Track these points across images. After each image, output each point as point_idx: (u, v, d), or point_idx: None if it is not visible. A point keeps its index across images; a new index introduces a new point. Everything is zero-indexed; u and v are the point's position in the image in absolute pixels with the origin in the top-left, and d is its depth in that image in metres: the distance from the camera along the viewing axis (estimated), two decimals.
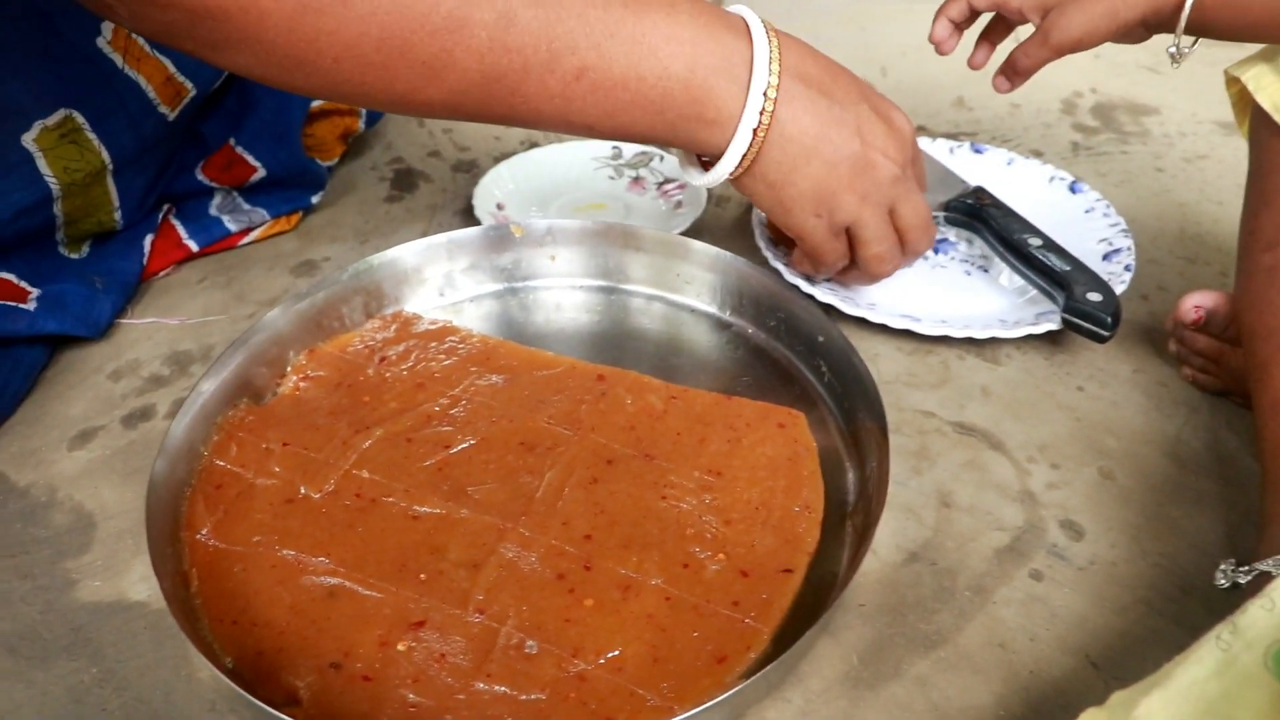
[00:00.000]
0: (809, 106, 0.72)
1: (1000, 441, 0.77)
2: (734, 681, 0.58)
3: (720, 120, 0.70)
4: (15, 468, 0.78)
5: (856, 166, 0.74)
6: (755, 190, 0.75)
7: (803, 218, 0.75)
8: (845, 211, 0.75)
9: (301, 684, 0.59)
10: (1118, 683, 0.59)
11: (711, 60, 0.69)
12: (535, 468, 0.71)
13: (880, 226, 0.77)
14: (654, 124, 0.70)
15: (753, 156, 0.72)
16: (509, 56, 0.64)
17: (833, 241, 0.78)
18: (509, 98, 0.66)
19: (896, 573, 0.68)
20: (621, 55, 0.67)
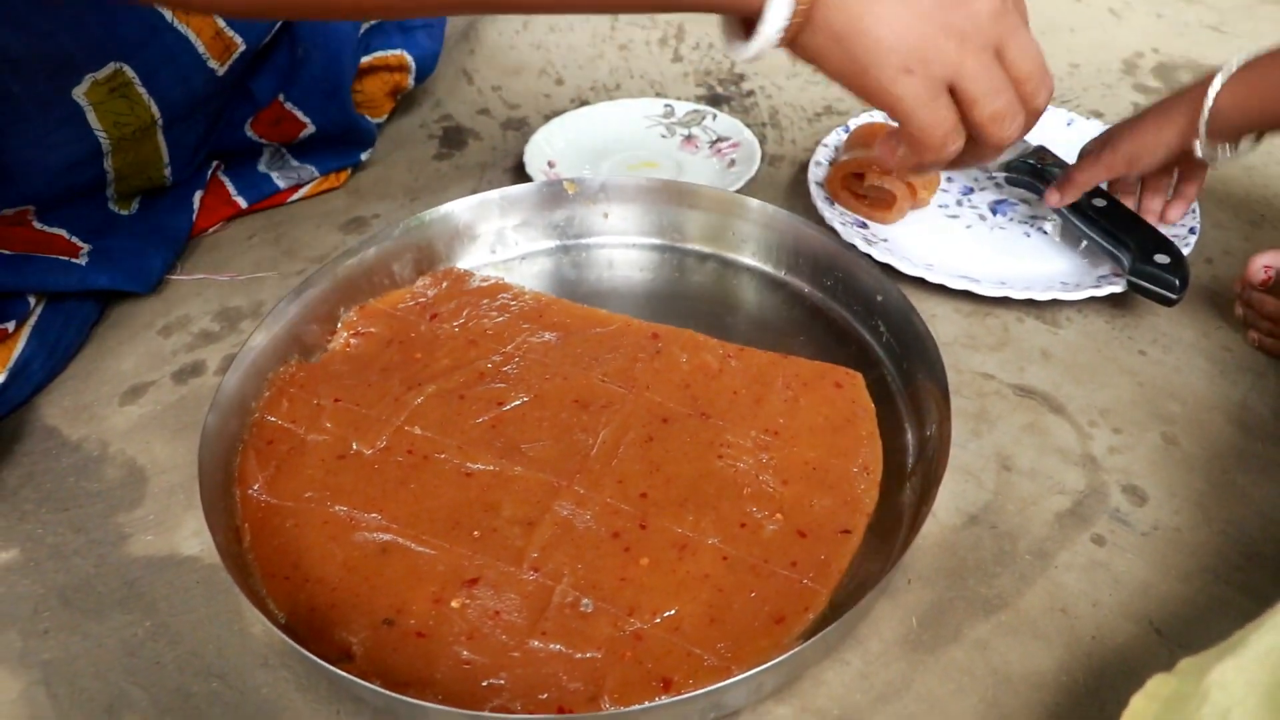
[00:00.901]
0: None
1: (1061, 405, 0.75)
2: (792, 642, 0.58)
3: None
4: (68, 422, 0.78)
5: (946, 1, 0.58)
6: (821, 49, 0.58)
7: (891, 76, 0.58)
8: (944, 60, 0.58)
9: (355, 640, 0.59)
10: (1183, 650, 0.58)
11: None
12: (589, 425, 0.70)
13: (993, 74, 0.60)
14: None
15: (809, 4, 0.56)
16: None
17: (936, 106, 0.59)
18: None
19: (956, 536, 0.66)
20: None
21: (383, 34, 1.04)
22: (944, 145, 0.61)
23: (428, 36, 1.07)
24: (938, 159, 0.62)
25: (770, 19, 0.56)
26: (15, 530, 0.71)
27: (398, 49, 1.04)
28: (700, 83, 1.18)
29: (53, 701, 0.61)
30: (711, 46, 1.24)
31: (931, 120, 0.59)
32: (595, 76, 1.20)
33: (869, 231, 0.89)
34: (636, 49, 1.25)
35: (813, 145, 1.05)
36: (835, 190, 0.92)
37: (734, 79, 1.18)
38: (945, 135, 0.60)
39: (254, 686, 0.61)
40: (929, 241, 0.91)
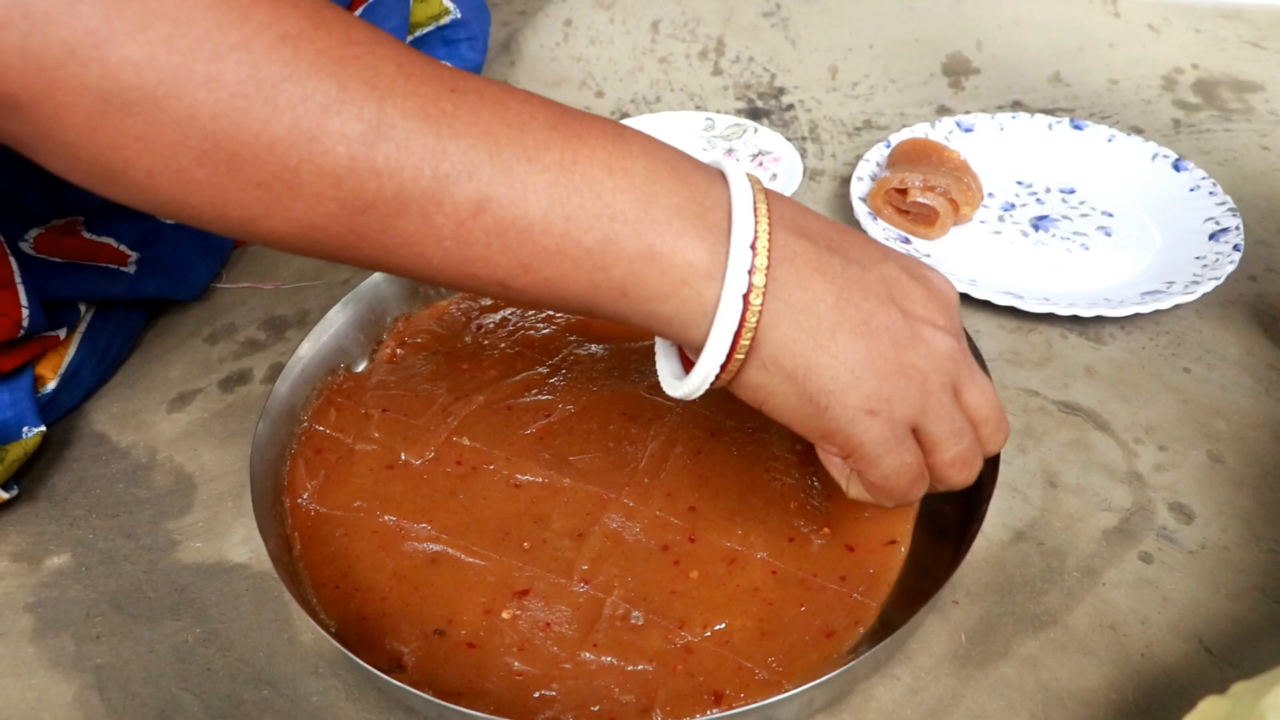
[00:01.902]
0: (817, 264, 0.51)
1: (1106, 422, 0.75)
2: (843, 657, 0.58)
3: (693, 281, 0.50)
4: (116, 428, 0.79)
5: (901, 339, 0.52)
6: (769, 388, 0.52)
7: (851, 418, 0.52)
8: (907, 400, 0.53)
9: (406, 649, 0.59)
10: (1233, 669, 0.59)
11: (673, 199, 0.50)
12: (637, 438, 0.70)
13: (955, 416, 0.55)
14: (595, 284, 0.50)
15: (751, 333, 0.50)
16: (377, 181, 0.46)
17: (902, 451, 0.54)
18: (381, 236, 0.48)
19: (1004, 551, 0.66)
20: (543, 186, 0.48)
21: (426, 47, 1.05)
22: (907, 493, 0.56)
23: (471, 48, 1.07)
24: (900, 503, 0.57)
25: (712, 348, 0.50)
26: (67, 535, 0.71)
27: (441, 61, 1.05)
28: (740, 96, 1.19)
29: (106, 705, 0.61)
30: (752, 60, 1.25)
31: (898, 466, 0.54)
32: (636, 89, 1.21)
33: (912, 247, 0.89)
34: (677, 62, 1.25)
35: (853, 159, 1.05)
36: (879, 205, 0.92)
37: (774, 93, 1.19)
38: (911, 482, 0.55)
39: (304, 695, 0.61)
40: (972, 257, 0.91)
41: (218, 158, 0.44)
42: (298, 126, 0.44)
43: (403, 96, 0.46)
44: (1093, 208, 0.96)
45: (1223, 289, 0.84)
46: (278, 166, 0.45)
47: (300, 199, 0.46)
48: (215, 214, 0.47)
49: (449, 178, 0.46)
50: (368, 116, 0.45)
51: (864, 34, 1.28)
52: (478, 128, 0.47)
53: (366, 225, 0.47)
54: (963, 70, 1.22)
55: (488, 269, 0.49)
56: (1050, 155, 1.02)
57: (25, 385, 0.74)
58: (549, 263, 0.49)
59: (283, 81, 0.44)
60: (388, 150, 0.45)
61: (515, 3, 1.40)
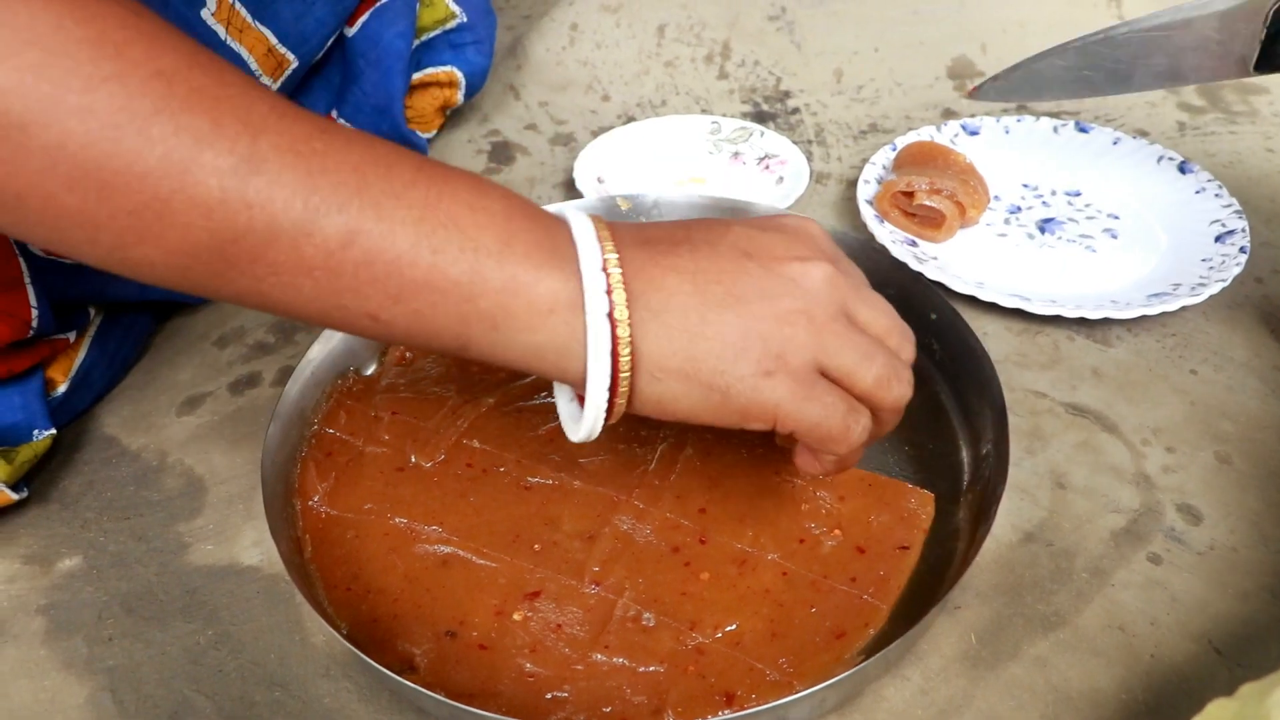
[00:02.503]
0: (666, 265, 0.53)
1: (1113, 423, 0.76)
2: (853, 658, 0.58)
3: (558, 310, 0.51)
4: (127, 431, 0.79)
5: (769, 290, 0.53)
6: (671, 395, 0.53)
7: (754, 385, 0.52)
8: (797, 346, 0.53)
9: (418, 651, 0.60)
10: (1243, 670, 0.59)
11: (530, 235, 0.52)
12: (647, 440, 0.71)
13: (856, 341, 0.55)
14: (464, 316, 0.51)
15: (628, 348, 0.51)
16: (248, 212, 0.47)
17: (816, 395, 0.54)
18: (251, 266, 0.48)
19: (1012, 553, 0.67)
20: (410, 221, 0.49)
21: (433, 51, 1.05)
22: (848, 430, 0.55)
23: (477, 52, 1.08)
24: (852, 444, 0.56)
25: (595, 374, 0.51)
26: (78, 538, 0.72)
27: (448, 65, 1.05)
28: (746, 99, 1.19)
29: (119, 707, 0.61)
30: (758, 64, 1.25)
31: (820, 411, 0.54)
32: (641, 93, 1.21)
33: (919, 250, 0.89)
34: (682, 66, 1.25)
35: (859, 163, 1.06)
36: (885, 208, 0.92)
37: (779, 96, 1.19)
38: (844, 419, 0.55)
39: (316, 696, 0.61)
40: (979, 260, 0.91)
41: (88, 185, 0.45)
42: (169, 158, 0.45)
43: (275, 134, 0.47)
44: (1099, 210, 0.96)
45: (1229, 291, 0.84)
46: (149, 196, 0.45)
47: (171, 228, 0.46)
48: (85, 239, 0.47)
49: (319, 210, 0.48)
50: (241, 150, 0.46)
51: (869, 37, 1.28)
52: (347, 166, 0.49)
53: (237, 254, 0.48)
54: (968, 73, 1.22)
55: (357, 300, 0.50)
56: (1056, 158, 1.02)
57: (35, 388, 0.74)
58: (418, 294, 0.50)
59: (156, 114, 0.45)
60: (259, 184, 0.47)
61: (521, 7, 1.40)
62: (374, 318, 0.51)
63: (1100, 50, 0.85)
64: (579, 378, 0.53)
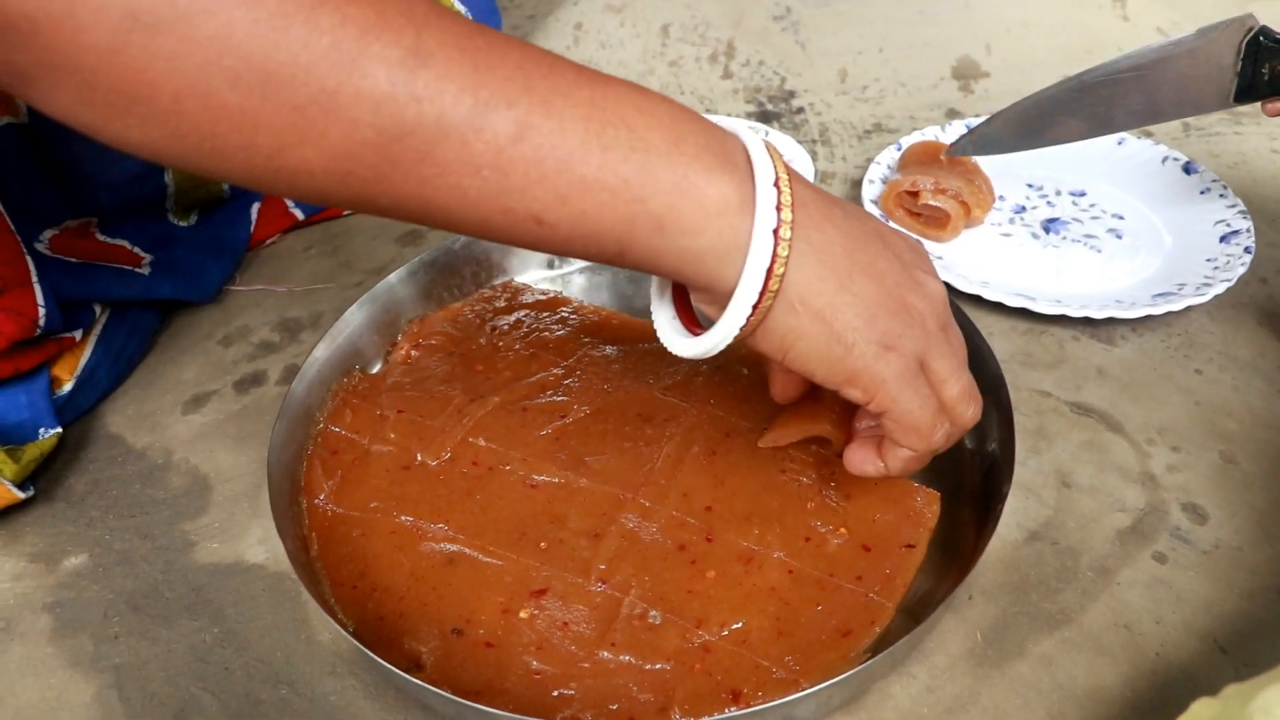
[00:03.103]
0: (826, 212, 0.54)
1: (1119, 423, 0.76)
2: (859, 656, 0.58)
3: (726, 213, 0.51)
4: (132, 430, 0.80)
5: (902, 282, 0.56)
6: (797, 330, 0.53)
7: (876, 353, 0.54)
8: (915, 337, 0.55)
9: (424, 649, 0.60)
10: (1248, 668, 0.59)
11: (699, 139, 0.51)
12: (653, 438, 0.71)
13: (952, 354, 0.58)
14: (631, 216, 0.50)
15: (781, 270, 0.51)
16: (417, 106, 0.46)
17: (920, 385, 0.56)
18: (417, 166, 0.47)
19: (1018, 551, 0.67)
20: (579, 118, 0.48)
21: None
22: (934, 427, 0.57)
23: None
24: (933, 443, 0.58)
25: (748, 280, 0.51)
26: (84, 536, 0.72)
27: None
28: (750, 99, 1.19)
29: (125, 705, 0.62)
30: (762, 63, 1.25)
31: (919, 400, 0.56)
32: None
33: None
34: (687, 65, 1.26)
35: (863, 162, 1.06)
36: (890, 208, 0.92)
37: (784, 96, 1.19)
38: (934, 415, 0.57)
39: (322, 694, 0.61)
40: (984, 260, 0.91)
41: (252, 79, 0.43)
42: (338, 48, 0.44)
43: (439, 29, 0.46)
44: (1103, 210, 0.97)
45: (1234, 291, 0.84)
46: (315, 89, 0.44)
47: (337, 124, 0.45)
48: (243, 142, 0.45)
49: (488, 105, 0.46)
50: (407, 42, 0.45)
51: (874, 37, 1.29)
52: (511, 62, 0.48)
53: (403, 153, 0.47)
54: (972, 74, 1.22)
55: (524, 201, 0.49)
56: (1061, 159, 1.02)
57: (42, 387, 0.75)
58: (586, 193, 0.49)
59: (322, 4, 0.44)
60: (428, 76, 0.45)
61: (525, 7, 1.40)
62: (539, 220, 0.50)
63: (1076, 97, 0.86)
64: (727, 287, 0.52)
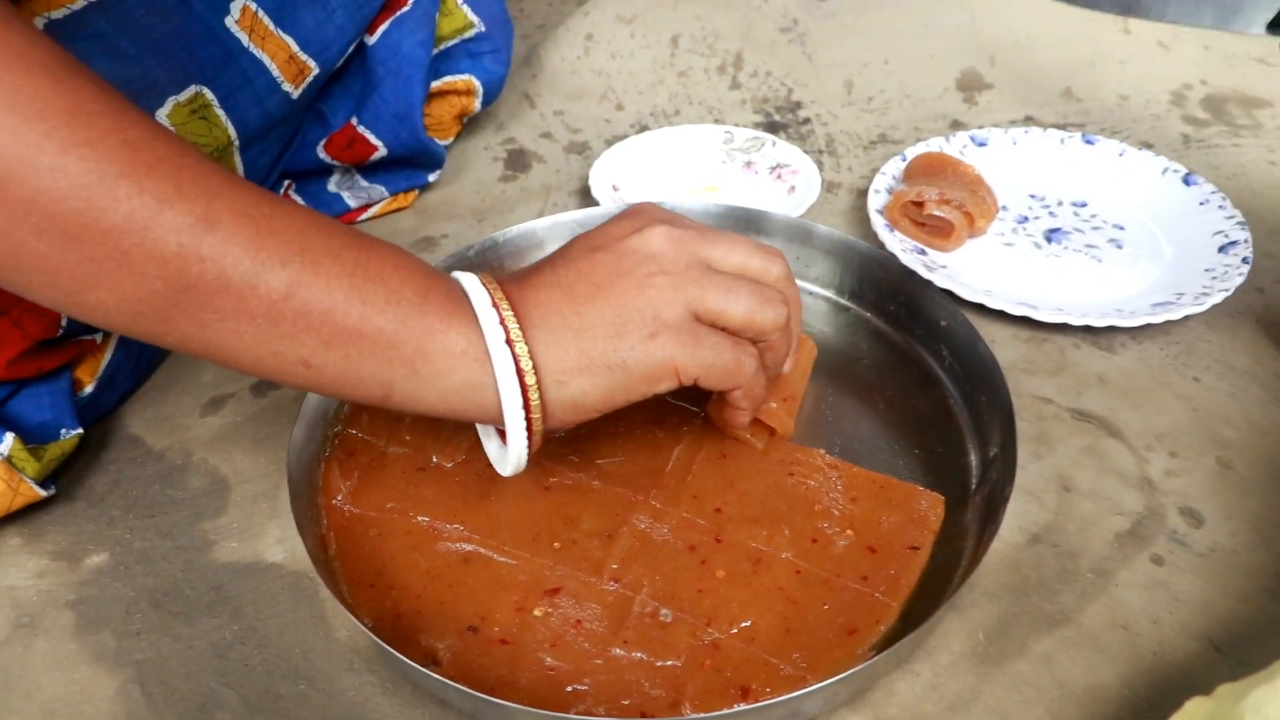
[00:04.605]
0: (536, 282, 0.60)
1: (1118, 429, 0.77)
2: (865, 654, 0.60)
3: (470, 350, 0.57)
4: (151, 431, 0.81)
5: (620, 269, 0.59)
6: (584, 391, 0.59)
7: (647, 350, 0.58)
8: (665, 302, 0.59)
9: (441, 646, 0.61)
10: (1243, 668, 0.61)
11: (443, 290, 0.58)
12: (664, 442, 0.72)
13: (715, 280, 0.60)
14: (388, 361, 0.56)
15: (531, 363, 0.57)
16: (201, 265, 0.52)
17: (702, 340, 0.60)
18: (199, 312, 0.53)
19: (1019, 553, 0.68)
20: (343, 275, 0.55)
21: (451, 60, 1.07)
22: (740, 362, 0.61)
23: (495, 61, 1.09)
24: (746, 374, 0.62)
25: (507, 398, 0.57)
26: (105, 535, 0.73)
27: (466, 74, 1.07)
28: (758, 109, 1.21)
29: (147, 700, 0.63)
30: (770, 74, 1.27)
31: (710, 353, 0.60)
32: (655, 102, 1.23)
33: (928, 258, 0.91)
34: (695, 76, 1.27)
35: (868, 172, 1.07)
36: (895, 218, 0.94)
37: (791, 107, 1.21)
38: (733, 353, 0.61)
39: (340, 690, 0.63)
40: (987, 269, 0.93)
41: (55, 235, 0.50)
42: (132, 216, 0.50)
43: (229, 199, 0.53)
44: (1104, 221, 0.98)
45: (1231, 300, 0.86)
46: (111, 247, 0.50)
47: (129, 276, 0.51)
48: (45, 281, 0.52)
49: (265, 265, 0.53)
50: (198, 211, 0.52)
51: (879, 49, 1.30)
52: (292, 229, 0.55)
53: (187, 301, 0.53)
54: (976, 85, 1.23)
55: (293, 346, 0.55)
56: (1062, 169, 1.04)
57: (64, 387, 0.76)
58: (347, 341, 0.56)
59: (122, 177, 0.50)
60: (213, 240, 0.52)
61: (535, 17, 1.42)
62: (306, 364, 0.56)
63: None
64: (495, 409, 0.58)
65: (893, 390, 0.78)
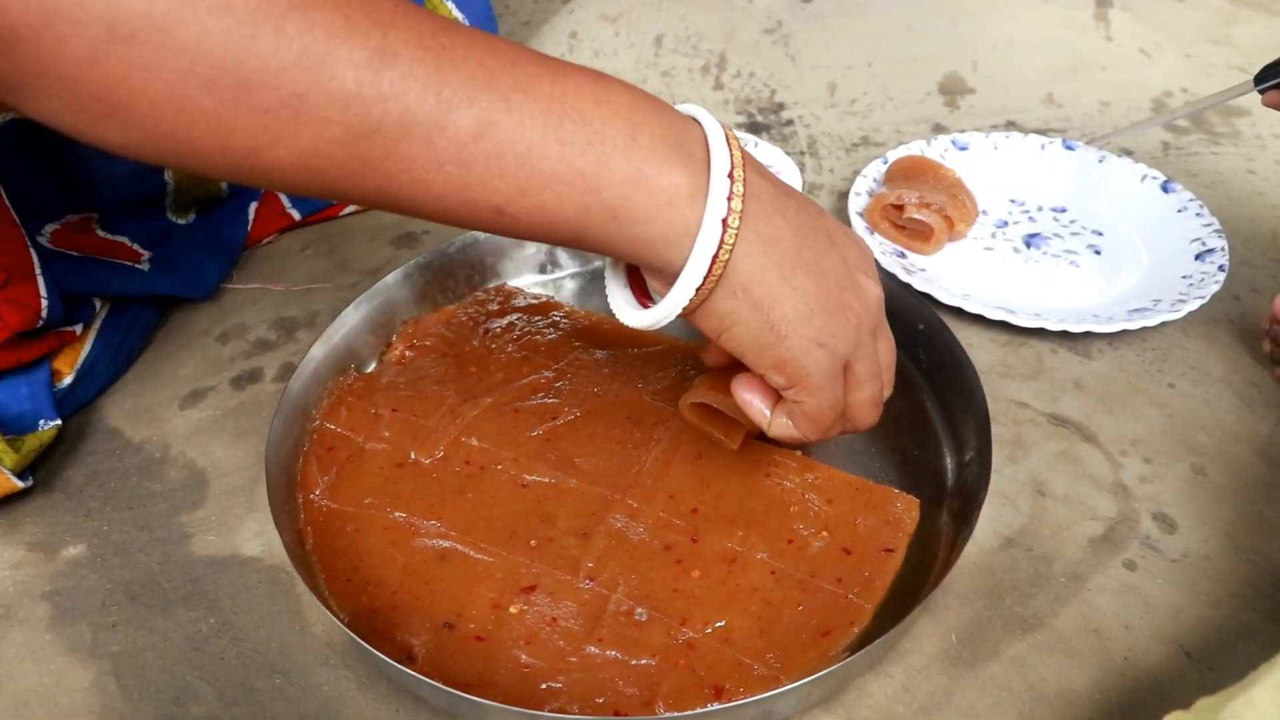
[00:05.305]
0: (778, 205, 0.56)
1: (1093, 434, 0.78)
2: (838, 655, 0.60)
3: (678, 202, 0.53)
4: (130, 423, 0.81)
5: (843, 283, 0.59)
6: (734, 315, 0.56)
7: (805, 348, 0.57)
8: (846, 339, 0.58)
9: (416, 642, 0.61)
10: (1212, 673, 0.61)
11: (656, 129, 0.53)
12: (641, 441, 0.73)
13: (875, 359, 0.62)
14: (587, 207, 0.53)
15: (726, 257, 0.54)
16: (383, 105, 0.48)
17: (837, 385, 0.60)
18: (384, 162, 0.50)
19: (993, 557, 0.69)
20: (538, 114, 0.51)
21: None
22: (833, 426, 0.62)
23: None
24: (824, 435, 0.62)
25: (694, 265, 0.54)
26: (82, 526, 0.73)
27: None
28: (741, 110, 1.21)
29: (122, 691, 0.63)
30: (753, 75, 1.27)
31: (832, 398, 0.60)
32: None
33: (907, 261, 0.92)
34: (679, 76, 1.27)
35: (850, 174, 1.08)
36: (875, 220, 0.94)
37: (774, 108, 1.21)
38: (837, 415, 0.61)
39: (315, 684, 0.63)
40: (966, 273, 0.93)
41: (225, 84, 0.45)
42: (306, 52, 0.46)
43: (404, 29, 0.48)
44: (1083, 226, 0.99)
45: (1207, 308, 0.87)
46: (285, 92, 0.46)
47: (307, 124, 0.47)
48: (218, 144, 0.48)
49: (451, 103, 0.49)
50: (373, 44, 0.47)
51: (863, 52, 1.31)
52: (474, 60, 0.50)
53: (370, 150, 0.49)
54: (958, 90, 1.24)
55: (486, 194, 0.52)
56: (1043, 175, 1.04)
57: (43, 379, 0.76)
58: (545, 185, 0.52)
59: (290, 10, 0.46)
60: (393, 76, 0.47)
61: (520, 13, 1.42)
62: (500, 210, 0.53)
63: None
64: (674, 269, 0.55)
65: None
